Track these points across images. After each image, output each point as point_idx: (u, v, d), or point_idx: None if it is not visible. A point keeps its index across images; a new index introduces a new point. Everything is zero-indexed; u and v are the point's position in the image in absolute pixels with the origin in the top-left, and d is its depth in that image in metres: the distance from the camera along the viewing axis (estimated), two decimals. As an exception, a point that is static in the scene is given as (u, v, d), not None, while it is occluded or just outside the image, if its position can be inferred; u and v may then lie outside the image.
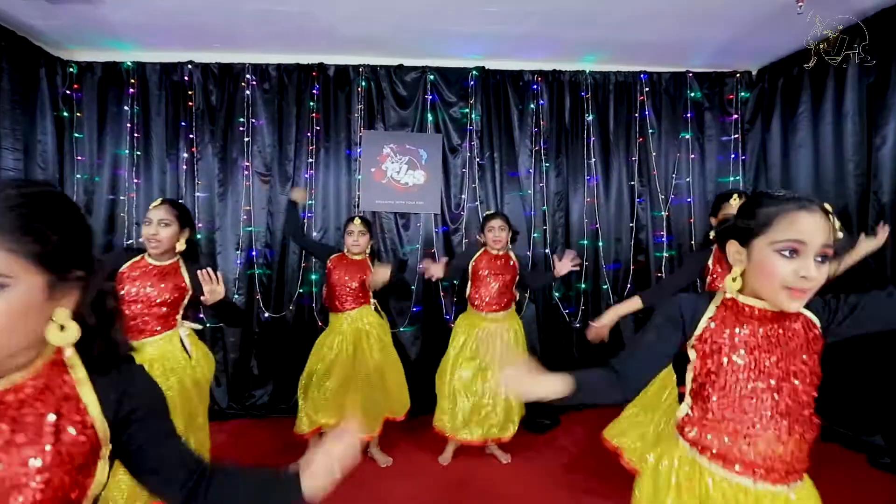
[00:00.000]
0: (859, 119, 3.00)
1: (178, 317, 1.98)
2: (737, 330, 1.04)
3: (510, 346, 2.86)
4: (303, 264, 3.66)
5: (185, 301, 1.99)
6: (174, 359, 1.92)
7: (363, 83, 3.70)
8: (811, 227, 0.94)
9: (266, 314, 3.66)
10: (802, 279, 0.93)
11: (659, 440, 2.02)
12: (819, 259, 0.95)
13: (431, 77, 3.74)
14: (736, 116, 3.84)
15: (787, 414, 1.00)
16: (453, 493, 2.58)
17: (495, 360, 1.01)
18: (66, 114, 3.57)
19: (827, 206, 0.99)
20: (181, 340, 1.96)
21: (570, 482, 2.72)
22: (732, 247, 1.07)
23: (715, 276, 2.23)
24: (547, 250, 3.76)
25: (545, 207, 3.75)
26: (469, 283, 2.92)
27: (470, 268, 2.90)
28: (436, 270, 2.76)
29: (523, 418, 2.97)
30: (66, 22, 3.19)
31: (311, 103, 3.68)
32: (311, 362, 2.85)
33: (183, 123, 3.64)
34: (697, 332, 1.07)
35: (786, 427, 1.00)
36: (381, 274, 2.73)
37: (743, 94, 3.85)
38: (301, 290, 3.67)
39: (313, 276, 3.65)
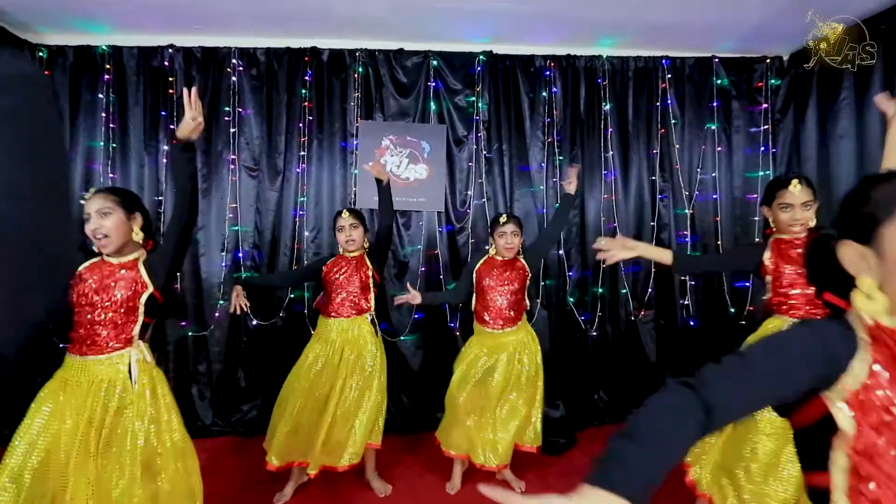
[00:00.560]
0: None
1: (134, 333, 1.65)
2: None
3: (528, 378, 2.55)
4: (294, 266, 3.34)
5: (142, 306, 1.65)
6: (115, 386, 1.59)
7: (360, 69, 3.39)
8: None
9: (254, 322, 3.35)
10: None
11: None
12: None
13: (434, 62, 3.43)
14: (766, 105, 3.53)
15: None
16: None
17: None
18: (34, 102, 3.26)
19: None
20: (129, 366, 1.63)
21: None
22: (850, 250, 0.75)
23: (778, 274, 1.92)
24: (560, 251, 3.45)
25: (558, 205, 3.43)
26: (475, 295, 2.60)
27: (474, 278, 2.58)
28: (410, 299, 2.54)
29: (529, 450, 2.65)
30: (36, 2, 2.89)
31: (303, 91, 3.37)
32: (286, 386, 2.52)
33: (163, 113, 3.33)
34: (854, 383, 0.69)
35: None
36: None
37: (773, 81, 3.53)
38: (292, 296, 3.36)
39: (306, 283, 3.34)
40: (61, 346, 1.67)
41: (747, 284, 3.49)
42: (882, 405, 0.67)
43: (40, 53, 3.28)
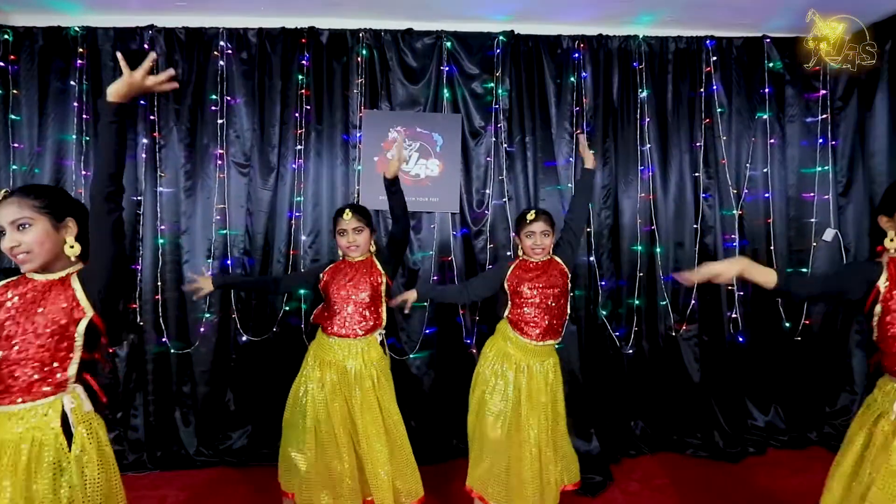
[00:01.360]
0: None
1: (68, 374, 1.26)
2: None
3: (552, 383, 2.16)
4: (287, 272, 2.96)
5: (80, 338, 1.26)
6: (43, 447, 1.20)
7: (364, 52, 3.01)
8: None
9: (244, 337, 2.98)
10: None
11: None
12: None
13: (448, 44, 3.04)
14: (824, 92, 3.11)
15: None
16: None
17: None
18: (-1, 91, 2.91)
19: None
20: (63, 415, 1.23)
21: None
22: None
23: (890, 302, 1.46)
24: (591, 258, 3.05)
25: (590, 205, 3.02)
26: (508, 304, 2.19)
27: (507, 286, 2.18)
28: (405, 297, 2.20)
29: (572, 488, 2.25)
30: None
31: (300, 77, 3.00)
32: (288, 409, 2.15)
33: (142, 102, 2.97)
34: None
35: None
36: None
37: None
38: (287, 308, 2.98)
39: (302, 291, 2.96)
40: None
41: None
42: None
43: (5, 36, 2.94)
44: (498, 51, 3.04)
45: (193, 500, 2.59)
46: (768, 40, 3.11)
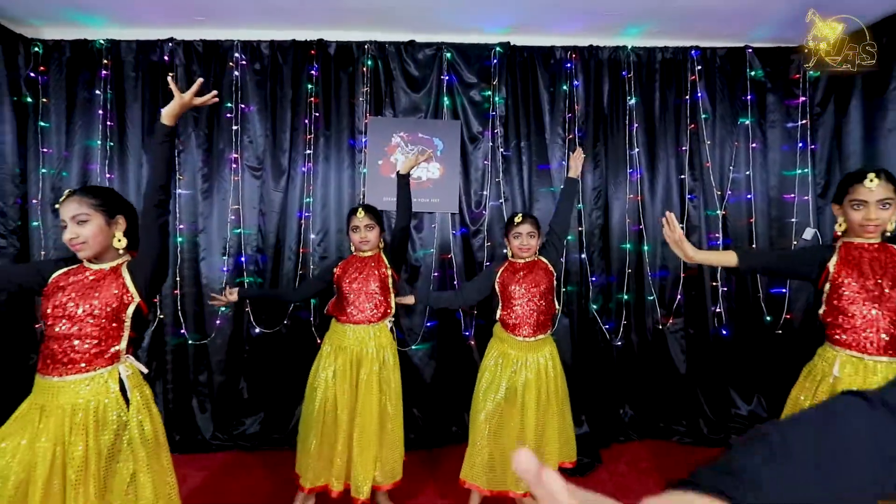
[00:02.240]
0: None
1: (120, 348, 1.47)
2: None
3: (549, 375, 2.33)
4: (300, 271, 3.16)
5: (129, 319, 1.47)
6: (108, 407, 1.41)
7: (369, 62, 3.20)
8: None
9: (257, 329, 3.17)
10: None
11: None
12: None
13: (448, 55, 3.23)
14: (804, 99, 3.28)
15: None
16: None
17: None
18: (29, 99, 3.12)
19: None
20: (120, 381, 1.45)
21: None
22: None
23: (838, 285, 1.66)
24: (583, 255, 3.23)
25: (581, 206, 3.21)
26: (499, 304, 2.38)
27: (497, 287, 2.37)
28: (404, 300, 2.48)
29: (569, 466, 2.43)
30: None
31: (310, 86, 3.19)
32: (306, 401, 2.33)
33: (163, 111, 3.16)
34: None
35: None
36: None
37: (812, 72, 3.28)
38: (298, 303, 3.17)
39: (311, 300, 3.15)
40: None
41: (784, 291, 3.26)
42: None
43: (35, 48, 3.14)
44: (495, 61, 3.23)
45: (211, 479, 2.78)
46: (750, 50, 3.29)
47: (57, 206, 1.49)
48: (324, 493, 2.25)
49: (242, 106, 3.18)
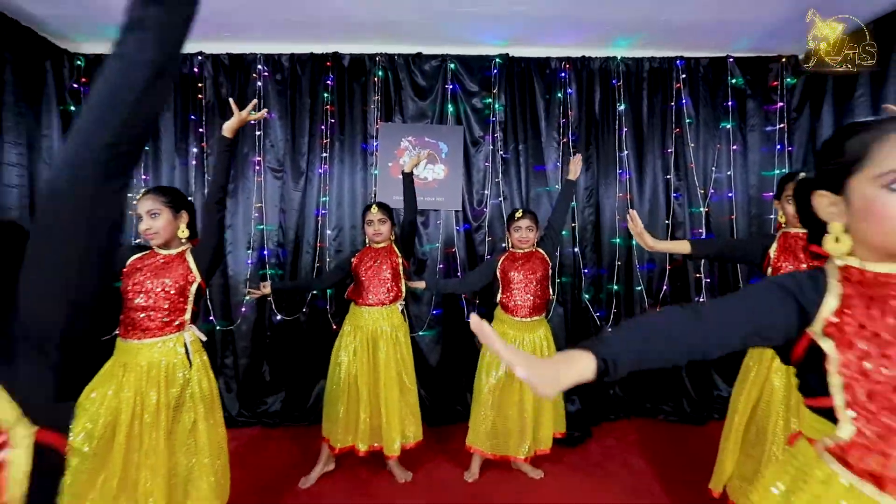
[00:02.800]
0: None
1: (185, 319, 1.79)
2: (885, 308, 0.76)
3: (543, 354, 2.62)
4: (317, 264, 3.47)
5: (192, 295, 1.80)
6: (175, 367, 1.73)
7: (380, 73, 3.50)
8: None
9: (278, 317, 3.48)
10: None
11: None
12: None
13: (452, 66, 3.52)
14: (781, 104, 3.55)
15: None
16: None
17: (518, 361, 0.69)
18: (73, 108, 3.44)
19: None
20: (185, 346, 1.77)
21: (603, 495, 2.47)
22: (823, 199, 0.84)
23: (777, 269, 1.95)
24: (576, 249, 3.51)
25: (574, 203, 3.49)
26: (500, 289, 2.68)
27: (498, 273, 2.66)
28: (417, 285, 2.78)
29: (559, 436, 2.72)
30: (72, 11, 3.06)
31: (326, 95, 3.49)
32: (330, 375, 2.64)
33: (192, 117, 3.48)
34: (825, 314, 0.78)
35: None
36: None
37: (789, 80, 3.55)
38: (315, 292, 3.48)
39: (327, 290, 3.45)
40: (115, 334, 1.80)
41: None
42: (854, 328, 0.76)
43: (78, 62, 3.46)
44: (495, 71, 3.52)
45: (238, 451, 3.07)
46: (731, 60, 3.56)
47: (134, 201, 1.80)
48: (347, 453, 2.57)
49: (267, 111, 3.48)
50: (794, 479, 0.83)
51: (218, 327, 3.46)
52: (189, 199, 1.93)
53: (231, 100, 1.95)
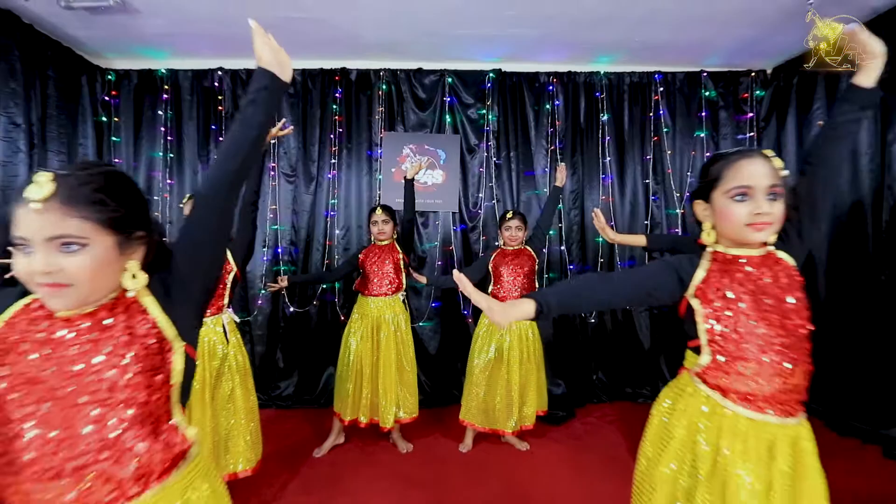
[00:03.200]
0: (872, 115, 3.03)
1: (223, 303, 2.13)
2: (736, 277, 1.11)
3: (529, 340, 2.96)
4: (326, 261, 3.80)
5: (229, 283, 2.13)
6: (215, 343, 2.07)
7: (384, 86, 3.84)
8: (755, 172, 1.06)
9: (291, 309, 3.82)
10: (757, 216, 1.06)
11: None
12: (770, 197, 1.06)
13: (450, 80, 3.86)
14: (751, 115, 3.88)
15: (791, 347, 1.07)
16: (472, 475, 2.68)
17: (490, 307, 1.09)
18: (104, 119, 3.79)
19: (767, 151, 1.11)
20: (223, 326, 2.11)
21: (582, 465, 2.79)
22: (699, 206, 1.20)
23: None
24: (563, 247, 3.85)
25: (561, 206, 3.82)
26: (492, 281, 3.01)
27: (490, 268, 2.99)
28: (419, 278, 3.11)
29: (542, 414, 3.05)
30: (106, 32, 3.39)
31: (334, 106, 3.83)
32: (340, 357, 2.97)
33: (213, 127, 3.82)
34: (696, 282, 1.13)
35: (793, 359, 1.06)
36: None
37: (758, 92, 3.88)
38: (324, 286, 3.82)
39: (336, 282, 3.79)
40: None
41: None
42: (713, 292, 1.12)
43: (108, 77, 3.80)
44: (489, 85, 3.86)
45: (256, 429, 3.42)
46: (705, 74, 3.89)
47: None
48: (355, 428, 2.90)
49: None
50: (675, 395, 1.18)
51: (237, 318, 3.78)
52: None
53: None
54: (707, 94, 3.90)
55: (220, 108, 3.82)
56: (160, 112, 3.81)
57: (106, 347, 0.79)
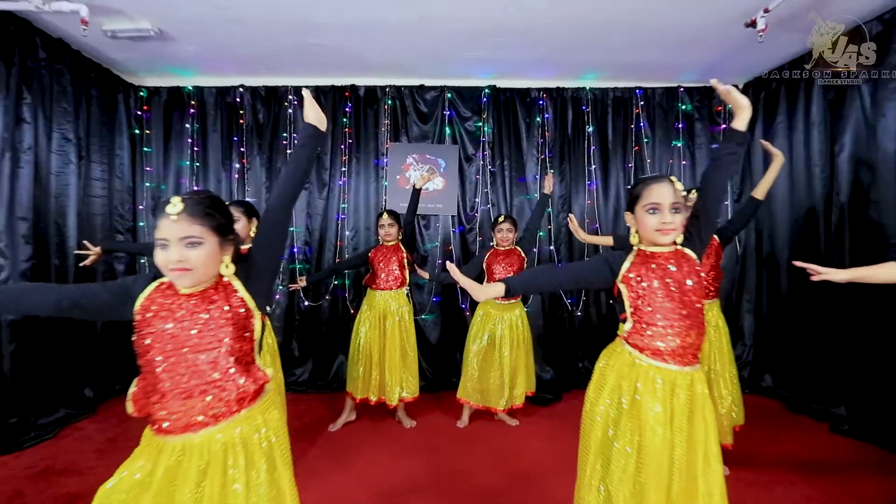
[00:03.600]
0: (823, 129, 3.41)
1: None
2: (651, 267, 1.50)
3: (519, 330, 3.35)
4: (337, 259, 4.20)
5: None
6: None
7: (389, 101, 4.24)
8: (662, 193, 1.46)
9: (305, 303, 4.21)
10: (663, 224, 1.45)
11: None
12: (673, 210, 1.46)
13: (449, 95, 4.26)
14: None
15: (688, 317, 1.47)
16: (468, 446, 3.07)
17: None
18: (137, 131, 4.20)
19: (673, 178, 1.50)
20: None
21: (565, 440, 3.16)
22: (628, 216, 1.59)
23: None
24: (552, 247, 4.24)
25: (550, 209, 4.21)
26: (485, 278, 3.40)
27: (484, 266, 3.38)
28: (422, 274, 3.51)
29: (530, 395, 3.44)
30: (142, 55, 3.80)
31: (345, 119, 4.23)
32: (352, 343, 3.36)
33: (235, 138, 4.23)
34: (622, 272, 1.53)
35: (689, 325, 1.46)
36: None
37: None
38: (336, 283, 4.22)
39: (346, 271, 4.19)
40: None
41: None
42: (635, 278, 1.51)
43: (141, 93, 4.21)
44: (484, 100, 4.25)
45: (274, 410, 3.81)
46: (681, 89, 4.28)
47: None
48: (364, 406, 3.31)
49: (295, 135, 4.23)
50: (609, 354, 1.59)
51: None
52: (257, 210, 2.64)
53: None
54: (683, 107, 4.29)
55: (241, 121, 4.22)
56: (187, 125, 4.22)
57: (214, 313, 1.19)
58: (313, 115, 1.44)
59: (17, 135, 3.02)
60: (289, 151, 4.24)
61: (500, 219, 3.38)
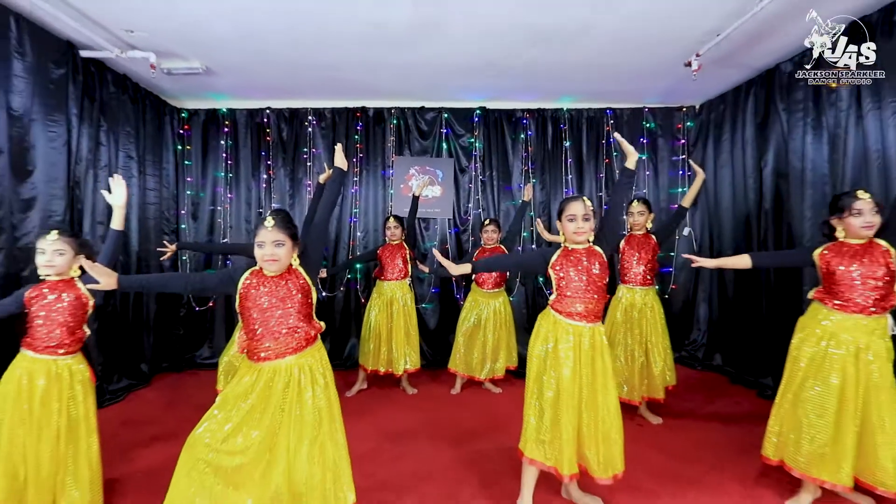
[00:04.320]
0: (753, 147, 4.10)
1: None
2: (571, 259, 2.18)
3: (502, 314, 4.06)
4: (349, 257, 4.90)
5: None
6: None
7: (395, 121, 4.95)
8: (576, 207, 2.16)
9: (323, 294, 4.92)
10: (578, 229, 2.15)
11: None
12: (585, 219, 2.14)
13: (446, 115, 4.96)
14: (683, 141, 4.95)
15: (593, 291, 2.17)
16: (459, 409, 3.77)
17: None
18: (179, 147, 4.92)
19: (584, 198, 2.18)
20: None
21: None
22: (559, 223, 2.25)
23: (622, 250, 3.38)
24: (533, 246, 4.93)
25: (532, 213, 4.91)
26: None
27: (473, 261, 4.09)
28: (423, 269, 4.28)
29: (512, 368, 4.15)
30: (187, 85, 4.51)
31: (356, 136, 4.94)
32: (364, 325, 4.08)
33: (262, 153, 4.94)
34: (552, 261, 2.21)
35: (591, 296, 2.17)
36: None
37: (689, 123, 4.95)
38: (349, 276, 4.93)
39: (358, 266, 4.91)
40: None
41: (670, 269, 4.92)
42: (559, 265, 2.22)
43: (183, 115, 4.93)
44: (476, 119, 4.95)
45: (298, 384, 4.53)
46: (646, 109, 4.96)
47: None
48: (374, 374, 4.03)
49: (313, 150, 4.94)
50: (542, 317, 2.30)
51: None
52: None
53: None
54: (648, 125, 4.97)
55: (267, 138, 4.94)
56: (221, 141, 4.94)
57: (292, 289, 1.89)
58: (340, 161, 2.19)
59: (97, 155, 3.74)
60: (308, 164, 4.96)
61: (486, 222, 4.08)
